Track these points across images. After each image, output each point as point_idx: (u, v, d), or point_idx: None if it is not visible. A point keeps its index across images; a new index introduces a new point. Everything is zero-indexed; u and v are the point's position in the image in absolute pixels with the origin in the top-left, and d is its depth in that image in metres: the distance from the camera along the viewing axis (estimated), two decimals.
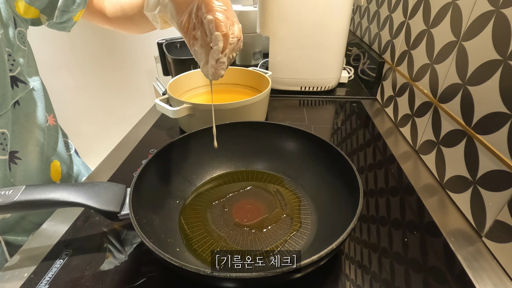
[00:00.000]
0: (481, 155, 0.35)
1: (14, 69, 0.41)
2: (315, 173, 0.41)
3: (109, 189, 0.33)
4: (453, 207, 0.40)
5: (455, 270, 0.32)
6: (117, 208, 0.31)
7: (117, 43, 1.48)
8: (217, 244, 0.34)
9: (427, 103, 0.48)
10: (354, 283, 0.30)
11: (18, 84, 0.42)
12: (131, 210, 0.29)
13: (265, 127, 0.45)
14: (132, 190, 0.31)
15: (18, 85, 0.42)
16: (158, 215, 0.35)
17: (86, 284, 0.30)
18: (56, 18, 0.46)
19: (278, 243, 0.34)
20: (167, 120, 0.62)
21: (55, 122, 0.53)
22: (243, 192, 0.42)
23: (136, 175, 0.33)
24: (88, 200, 0.31)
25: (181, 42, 0.82)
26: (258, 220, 0.37)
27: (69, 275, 0.31)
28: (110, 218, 0.32)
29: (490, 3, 0.35)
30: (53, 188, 0.31)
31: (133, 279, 0.31)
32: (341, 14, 0.65)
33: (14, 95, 0.41)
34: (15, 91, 0.41)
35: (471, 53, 0.38)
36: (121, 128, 0.76)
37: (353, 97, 0.73)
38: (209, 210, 0.39)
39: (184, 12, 0.34)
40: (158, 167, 0.37)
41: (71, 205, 0.31)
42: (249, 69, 0.65)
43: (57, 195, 0.30)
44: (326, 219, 0.36)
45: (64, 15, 0.46)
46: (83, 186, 0.32)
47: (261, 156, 0.46)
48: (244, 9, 0.86)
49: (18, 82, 0.42)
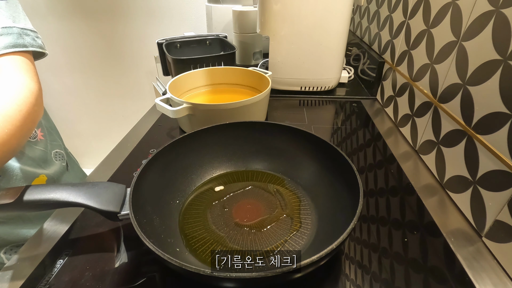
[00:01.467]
0: (481, 155, 0.35)
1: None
2: (315, 173, 0.41)
3: (109, 189, 0.33)
4: (453, 207, 0.40)
5: (455, 270, 0.32)
6: (117, 208, 0.31)
7: (117, 43, 1.48)
8: (217, 244, 0.34)
9: (427, 103, 0.48)
10: (354, 283, 0.30)
11: None
12: (131, 210, 0.29)
13: (265, 127, 0.45)
14: (132, 190, 0.31)
15: None
16: (158, 215, 0.35)
17: (86, 284, 0.30)
18: None
19: (278, 243, 0.34)
20: (167, 120, 0.62)
21: (44, 136, 0.52)
22: (243, 192, 0.42)
23: (136, 175, 0.33)
24: (88, 200, 0.31)
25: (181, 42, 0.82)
26: (258, 220, 0.37)
27: (69, 275, 0.31)
28: (110, 218, 0.32)
29: (490, 3, 0.35)
30: (53, 188, 0.31)
31: (133, 279, 0.31)
32: (341, 14, 0.65)
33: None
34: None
35: (471, 53, 0.38)
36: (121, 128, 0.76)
37: (353, 97, 0.73)
38: (209, 210, 0.39)
39: None
40: (158, 167, 0.37)
41: (71, 205, 0.31)
42: (249, 69, 0.65)
43: (57, 195, 0.30)
44: (326, 219, 0.36)
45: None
46: (83, 186, 0.32)
47: (261, 156, 0.46)
48: (244, 9, 0.86)
49: None
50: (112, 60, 1.53)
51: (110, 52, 1.50)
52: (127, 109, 1.69)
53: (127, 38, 1.46)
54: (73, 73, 1.56)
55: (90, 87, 1.62)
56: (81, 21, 1.41)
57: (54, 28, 1.42)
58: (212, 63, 0.72)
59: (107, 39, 1.47)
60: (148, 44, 1.45)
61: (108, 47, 1.49)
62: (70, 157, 0.62)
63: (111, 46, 1.48)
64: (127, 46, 1.48)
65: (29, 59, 0.43)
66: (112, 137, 0.79)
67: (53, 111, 1.71)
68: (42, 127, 0.53)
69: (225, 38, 0.85)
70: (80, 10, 1.38)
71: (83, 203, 0.31)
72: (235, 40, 0.92)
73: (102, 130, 1.79)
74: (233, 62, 0.75)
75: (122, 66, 1.55)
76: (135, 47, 1.48)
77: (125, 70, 1.55)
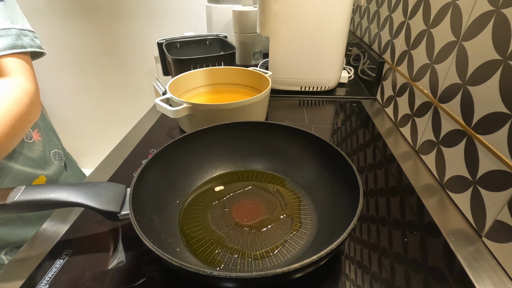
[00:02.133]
0: (481, 155, 0.35)
1: None
2: (315, 173, 0.41)
3: (109, 189, 0.33)
4: (453, 207, 0.40)
5: (455, 270, 0.32)
6: (117, 208, 0.31)
7: (117, 43, 1.48)
8: (217, 244, 0.34)
9: (427, 103, 0.48)
10: (354, 283, 0.30)
11: None
12: (131, 210, 0.29)
13: (265, 127, 0.45)
14: (132, 190, 0.31)
15: None
16: (158, 215, 0.35)
17: (86, 284, 0.30)
18: None
19: (278, 243, 0.34)
20: (167, 120, 0.62)
21: (41, 136, 0.52)
22: (243, 192, 0.42)
23: (136, 175, 0.33)
24: (88, 200, 0.31)
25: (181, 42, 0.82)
26: (258, 220, 0.37)
27: (69, 275, 0.31)
28: (110, 218, 0.32)
29: (490, 3, 0.35)
30: (53, 188, 0.31)
31: (133, 279, 0.31)
32: (341, 14, 0.65)
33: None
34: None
35: (471, 53, 0.38)
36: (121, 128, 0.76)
37: (353, 97, 0.73)
38: (209, 210, 0.39)
39: None
40: (158, 167, 0.37)
41: (71, 205, 0.31)
42: (249, 69, 0.65)
43: (57, 195, 0.30)
44: (326, 219, 0.36)
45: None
46: (83, 186, 0.32)
47: (261, 156, 0.46)
48: (244, 9, 0.86)
49: None
50: (112, 60, 1.53)
51: (110, 52, 1.50)
52: (127, 109, 1.69)
53: (127, 38, 1.46)
54: (73, 73, 1.56)
55: (90, 87, 1.62)
56: (81, 21, 1.41)
57: (54, 28, 1.42)
58: (212, 63, 0.72)
59: (107, 39, 1.47)
60: (148, 44, 1.45)
61: (108, 47, 1.49)
62: (68, 157, 0.62)
63: (111, 46, 1.48)
64: (127, 46, 1.48)
65: (27, 60, 0.43)
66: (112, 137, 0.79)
67: (53, 111, 1.71)
68: (39, 128, 0.53)
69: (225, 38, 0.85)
70: (80, 9, 1.38)
71: (83, 203, 0.31)
72: (235, 40, 0.92)
73: (102, 130, 1.79)
74: (233, 62, 0.75)
75: (122, 66, 1.55)
76: (135, 47, 1.48)
77: (125, 70, 1.55)
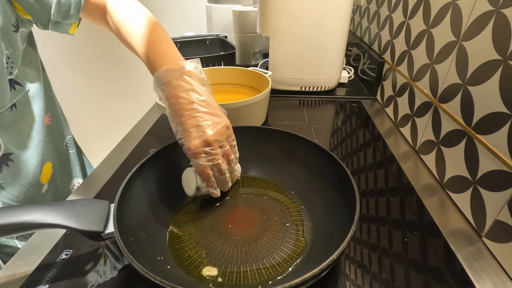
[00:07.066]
0: (481, 155, 0.35)
1: (13, 71, 0.41)
2: (309, 178, 0.40)
3: (90, 207, 0.30)
4: (453, 207, 0.40)
5: (455, 270, 0.32)
6: (100, 227, 0.29)
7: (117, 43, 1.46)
8: (210, 259, 0.32)
9: (427, 103, 0.48)
10: (354, 283, 0.30)
11: (15, 87, 0.42)
12: (116, 228, 0.27)
13: (257, 132, 0.44)
14: (116, 206, 0.29)
15: (16, 88, 0.42)
16: (146, 231, 0.33)
17: (86, 284, 0.30)
18: (51, 28, 0.45)
19: (274, 253, 0.33)
20: (167, 120, 0.61)
21: (50, 122, 0.53)
22: (235, 200, 0.40)
23: (120, 190, 0.31)
24: (68, 221, 0.28)
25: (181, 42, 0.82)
26: (252, 229, 0.36)
27: (69, 275, 0.31)
28: (93, 239, 0.30)
29: (490, 3, 0.35)
30: (28, 209, 0.28)
31: (133, 279, 0.31)
32: (341, 14, 0.65)
33: (12, 97, 0.41)
34: (13, 93, 0.41)
35: (471, 53, 0.38)
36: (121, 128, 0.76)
37: (353, 97, 0.73)
38: (200, 222, 0.37)
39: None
40: (143, 179, 0.35)
41: (49, 227, 0.28)
42: (249, 69, 0.65)
43: (32, 217, 0.27)
44: (322, 225, 0.35)
45: (58, 27, 0.46)
46: (62, 205, 0.29)
47: (253, 162, 0.45)
48: (244, 9, 0.86)
49: (16, 84, 0.42)
50: (112, 60, 1.53)
51: (110, 52, 1.50)
52: (127, 109, 1.68)
53: None
54: (73, 73, 1.56)
55: (90, 87, 1.62)
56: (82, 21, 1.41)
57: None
58: (212, 63, 0.72)
59: (107, 39, 1.46)
60: None
61: (108, 47, 1.49)
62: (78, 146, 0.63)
63: (111, 46, 1.48)
64: None
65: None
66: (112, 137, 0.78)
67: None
68: (51, 113, 0.53)
69: (225, 38, 0.85)
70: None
71: (62, 224, 0.28)
72: (235, 40, 0.92)
73: (102, 130, 1.78)
74: (233, 62, 0.75)
75: (122, 66, 1.54)
76: None
77: (125, 70, 1.55)
